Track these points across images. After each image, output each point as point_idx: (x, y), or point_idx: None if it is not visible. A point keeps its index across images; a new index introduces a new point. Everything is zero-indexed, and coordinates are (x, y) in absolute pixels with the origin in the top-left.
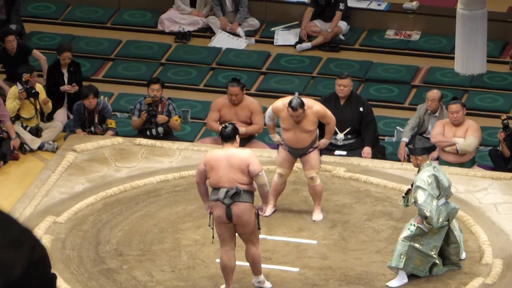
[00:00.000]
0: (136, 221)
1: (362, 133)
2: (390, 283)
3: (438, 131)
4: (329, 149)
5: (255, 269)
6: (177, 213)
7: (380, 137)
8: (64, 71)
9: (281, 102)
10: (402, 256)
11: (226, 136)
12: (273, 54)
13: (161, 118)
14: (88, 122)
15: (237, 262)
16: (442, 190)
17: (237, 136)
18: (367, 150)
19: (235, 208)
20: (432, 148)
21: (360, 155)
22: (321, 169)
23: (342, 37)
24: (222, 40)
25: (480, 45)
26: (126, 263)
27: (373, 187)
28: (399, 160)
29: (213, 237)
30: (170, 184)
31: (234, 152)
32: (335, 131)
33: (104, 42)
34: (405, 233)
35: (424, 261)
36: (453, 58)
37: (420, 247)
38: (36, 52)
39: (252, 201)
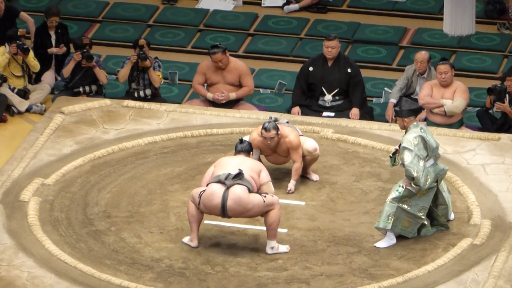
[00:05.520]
0: (124, 183)
1: (350, 94)
2: (378, 244)
3: (426, 92)
4: (317, 111)
5: (270, 232)
6: (165, 174)
7: (368, 98)
8: (52, 33)
9: (256, 132)
10: (390, 217)
11: (242, 149)
12: (260, 15)
13: (148, 62)
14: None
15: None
16: (429, 151)
17: (251, 152)
18: (355, 111)
19: (233, 190)
20: (419, 109)
21: (348, 116)
22: (310, 130)
23: None
24: (209, 2)
25: (469, 6)
26: (115, 225)
27: (361, 148)
28: (387, 121)
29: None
30: (158, 146)
31: (247, 159)
32: (323, 92)
33: (91, 4)
34: (393, 194)
35: (412, 222)
36: (440, 19)
37: (408, 208)
38: (23, 14)
39: (251, 190)
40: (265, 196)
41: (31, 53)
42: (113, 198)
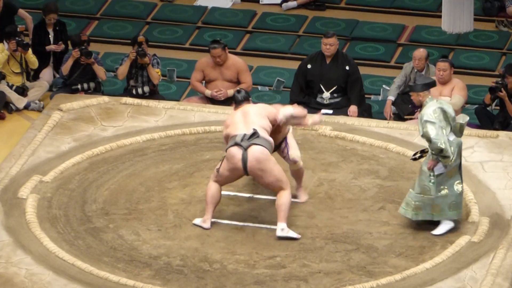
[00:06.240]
0: (122, 180)
1: (348, 91)
2: (435, 231)
3: None
4: (315, 108)
5: (280, 214)
6: (164, 172)
7: (366, 96)
8: (50, 30)
9: None
10: (434, 209)
11: (242, 99)
12: (259, 12)
13: (147, 59)
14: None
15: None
16: (450, 120)
17: (250, 98)
18: (353, 108)
19: (252, 151)
20: (433, 83)
21: (346, 114)
22: (308, 127)
23: None
24: None
25: (467, 3)
26: (113, 222)
27: (359, 145)
28: (385, 119)
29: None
30: (156, 143)
31: (249, 105)
32: (321, 90)
33: (89, 1)
34: (427, 187)
35: (456, 203)
36: (438, 17)
37: (447, 192)
38: (22, 11)
39: (269, 148)
40: (282, 172)
41: (30, 49)
42: (111, 195)
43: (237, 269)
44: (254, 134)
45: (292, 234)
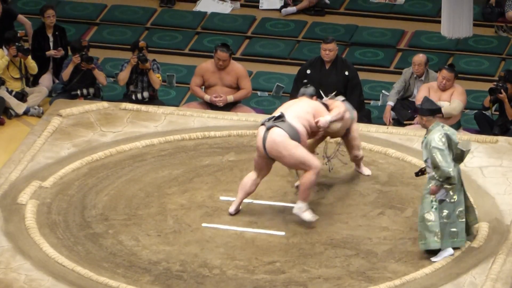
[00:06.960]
0: (122, 185)
1: (348, 97)
2: (434, 258)
3: (423, 95)
4: None
5: (301, 193)
6: (163, 177)
7: (365, 101)
8: (50, 35)
9: None
10: (436, 237)
11: (303, 93)
12: (258, 18)
13: (149, 64)
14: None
15: (226, 227)
16: (453, 147)
17: (315, 97)
18: None
19: (271, 132)
20: (437, 110)
21: None
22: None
23: (327, 1)
24: (207, 4)
25: (466, 8)
26: (112, 228)
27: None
28: (384, 124)
29: None
30: (155, 148)
31: (302, 100)
32: (321, 95)
33: (89, 7)
34: (427, 212)
35: (458, 231)
36: (438, 22)
37: (450, 220)
38: (21, 17)
39: (292, 134)
40: (307, 154)
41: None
42: (111, 200)
43: (236, 274)
44: (280, 117)
45: (307, 216)
